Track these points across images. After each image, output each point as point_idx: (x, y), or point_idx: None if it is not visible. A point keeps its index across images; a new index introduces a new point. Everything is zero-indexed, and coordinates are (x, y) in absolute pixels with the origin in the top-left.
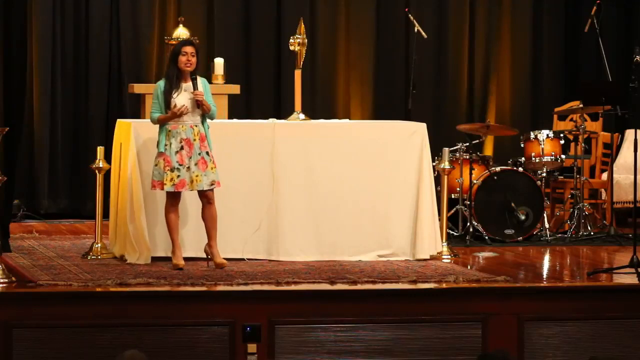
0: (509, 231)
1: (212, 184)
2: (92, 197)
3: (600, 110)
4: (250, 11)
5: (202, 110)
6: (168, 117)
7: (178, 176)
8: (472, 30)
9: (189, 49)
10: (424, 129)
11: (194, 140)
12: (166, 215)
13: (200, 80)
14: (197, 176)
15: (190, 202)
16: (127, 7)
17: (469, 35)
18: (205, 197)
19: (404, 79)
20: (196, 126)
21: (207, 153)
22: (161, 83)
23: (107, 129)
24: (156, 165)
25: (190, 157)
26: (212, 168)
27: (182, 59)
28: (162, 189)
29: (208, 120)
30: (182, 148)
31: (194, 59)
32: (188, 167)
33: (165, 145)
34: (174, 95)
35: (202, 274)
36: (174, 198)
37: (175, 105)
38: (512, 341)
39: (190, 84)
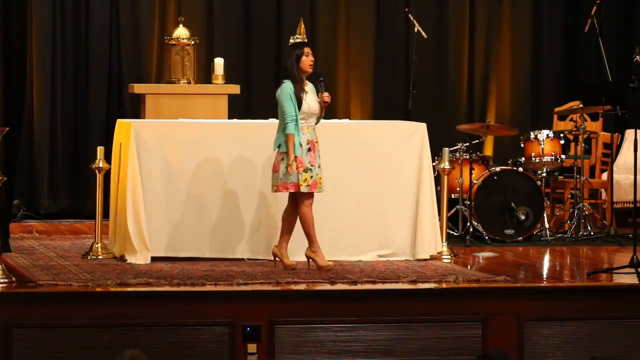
0: (509, 231)
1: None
2: (92, 197)
3: (600, 110)
4: (250, 11)
5: (321, 112)
6: (290, 150)
7: (311, 177)
8: (472, 30)
9: (309, 50)
10: (424, 129)
11: (316, 142)
12: (305, 214)
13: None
14: (320, 178)
15: (191, 201)
16: (127, 7)
17: (469, 35)
18: (311, 200)
19: (404, 79)
20: (315, 128)
21: (319, 156)
22: (289, 84)
23: (107, 129)
24: (287, 167)
25: (316, 159)
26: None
27: (307, 60)
28: (298, 190)
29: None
30: (310, 149)
31: (313, 59)
32: (315, 169)
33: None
34: (303, 97)
35: (202, 274)
36: (310, 197)
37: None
38: (512, 341)
39: (310, 85)
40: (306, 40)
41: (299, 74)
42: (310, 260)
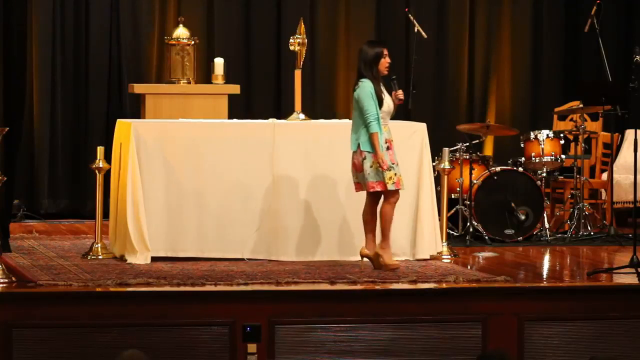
0: (509, 231)
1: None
2: (92, 197)
3: (600, 110)
4: (250, 11)
5: (394, 111)
6: (377, 149)
7: (395, 174)
8: (472, 30)
9: (387, 52)
10: (424, 129)
11: (392, 140)
12: (387, 211)
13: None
14: (401, 175)
15: (191, 201)
16: (127, 7)
17: (469, 35)
18: (397, 197)
19: (404, 79)
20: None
21: (395, 153)
22: (369, 83)
23: (107, 129)
24: (371, 166)
25: (394, 157)
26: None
27: (384, 62)
28: (385, 188)
29: None
30: (388, 148)
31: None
32: (395, 167)
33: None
34: (383, 96)
35: (202, 274)
36: (377, 197)
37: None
38: (512, 341)
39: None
40: (385, 41)
41: (376, 74)
42: (364, 258)
